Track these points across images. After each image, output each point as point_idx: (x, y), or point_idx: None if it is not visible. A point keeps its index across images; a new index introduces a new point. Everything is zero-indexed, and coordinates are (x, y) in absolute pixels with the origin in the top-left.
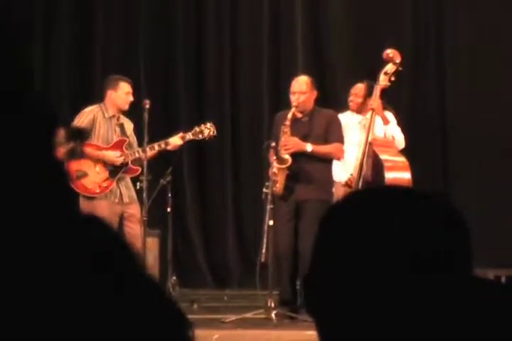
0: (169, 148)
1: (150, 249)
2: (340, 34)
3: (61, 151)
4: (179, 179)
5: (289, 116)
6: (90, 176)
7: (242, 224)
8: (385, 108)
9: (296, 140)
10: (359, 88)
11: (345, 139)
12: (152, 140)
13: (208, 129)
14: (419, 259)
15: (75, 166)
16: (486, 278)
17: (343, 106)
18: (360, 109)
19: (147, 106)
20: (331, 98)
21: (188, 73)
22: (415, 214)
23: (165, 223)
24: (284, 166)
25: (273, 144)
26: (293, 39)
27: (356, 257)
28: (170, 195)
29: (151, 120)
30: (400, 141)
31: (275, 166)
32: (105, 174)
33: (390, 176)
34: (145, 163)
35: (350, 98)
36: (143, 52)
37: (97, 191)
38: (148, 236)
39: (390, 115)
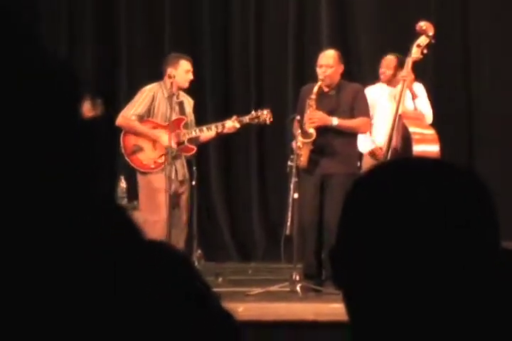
0: (226, 131)
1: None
2: (365, 6)
3: (85, 107)
4: (204, 152)
5: (315, 89)
6: (146, 152)
7: (266, 198)
8: (415, 80)
9: (321, 114)
10: (389, 60)
11: (375, 111)
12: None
13: (264, 115)
14: (448, 230)
15: (132, 141)
16: None
17: (369, 80)
18: (391, 81)
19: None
20: (356, 72)
21: (214, 49)
22: (442, 185)
23: (190, 197)
24: (308, 140)
25: (298, 117)
26: (318, 12)
27: (384, 228)
28: (194, 169)
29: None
30: (428, 116)
31: (300, 140)
32: (162, 151)
33: (418, 149)
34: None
35: (381, 70)
36: (168, 34)
37: (152, 166)
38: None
39: (420, 87)
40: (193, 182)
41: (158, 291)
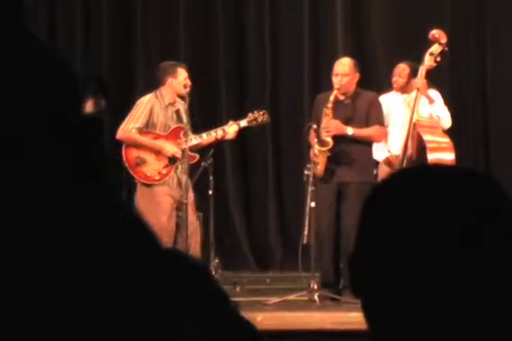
0: (228, 136)
1: (192, 232)
2: (380, 15)
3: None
4: (220, 161)
5: (332, 98)
6: (150, 163)
7: (284, 207)
8: (429, 86)
9: (337, 123)
10: (402, 68)
11: (390, 119)
12: (195, 126)
13: (261, 116)
14: (468, 238)
15: (134, 153)
16: None
17: (384, 88)
18: (404, 89)
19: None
20: (372, 79)
21: (230, 56)
22: (461, 191)
23: (207, 206)
24: (325, 149)
25: (314, 126)
26: (333, 20)
27: (402, 236)
28: (211, 178)
29: (195, 105)
30: (446, 120)
31: (316, 148)
32: (165, 161)
33: (433, 157)
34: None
35: (394, 78)
36: (183, 38)
37: (157, 178)
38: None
39: (436, 94)
40: (210, 192)
41: (176, 300)
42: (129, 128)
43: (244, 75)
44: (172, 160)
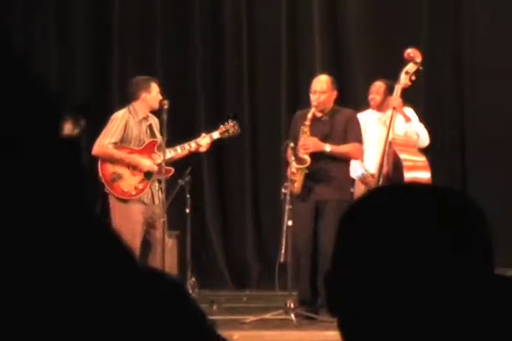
0: (202, 149)
1: (169, 250)
2: (358, 32)
3: (66, 127)
4: (198, 179)
5: (309, 115)
6: (126, 178)
7: (260, 225)
8: (404, 104)
9: (315, 140)
10: (378, 86)
11: (365, 137)
12: (171, 140)
13: (232, 127)
14: (442, 254)
15: (110, 169)
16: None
17: (361, 106)
18: (381, 107)
19: (166, 106)
20: (349, 97)
21: (206, 73)
22: (436, 209)
23: (184, 224)
24: (303, 166)
25: (291, 144)
26: (311, 37)
27: (378, 254)
28: (188, 196)
29: (172, 118)
30: (424, 138)
31: (294, 166)
32: (140, 176)
33: (409, 176)
34: (163, 164)
35: (371, 96)
36: (160, 52)
37: (133, 193)
38: (167, 237)
39: (410, 111)
40: (187, 210)
41: (153, 319)
42: (104, 143)
43: (222, 92)
44: (148, 174)
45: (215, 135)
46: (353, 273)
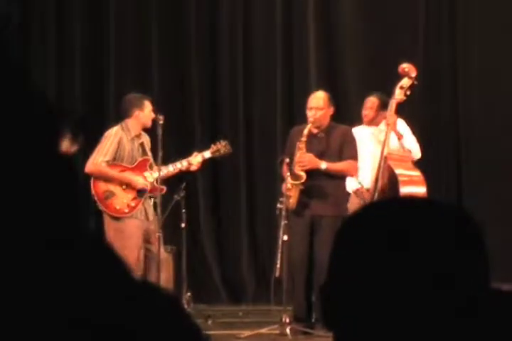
0: (193, 168)
1: (165, 265)
2: (353, 48)
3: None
4: (193, 194)
5: (305, 132)
6: (118, 196)
7: (256, 240)
8: (397, 116)
9: (311, 157)
10: (371, 101)
11: (359, 152)
12: (166, 156)
13: (224, 147)
14: (438, 273)
15: (103, 186)
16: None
17: (356, 120)
18: (373, 122)
19: (161, 121)
20: (344, 112)
21: (202, 89)
22: (431, 223)
23: (179, 239)
24: (298, 182)
25: (287, 160)
26: (306, 54)
27: (373, 268)
28: (184, 211)
29: (165, 136)
30: (416, 152)
31: (289, 182)
32: (133, 193)
33: (405, 190)
34: (158, 180)
35: (365, 112)
36: (156, 66)
37: (126, 211)
38: (162, 251)
39: (402, 123)
40: (183, 225)
41: (148, 332)
42: (98, 161)
43: (217, 108)
44: (140, 192)
45: (207, 154)
46: (348, 286)
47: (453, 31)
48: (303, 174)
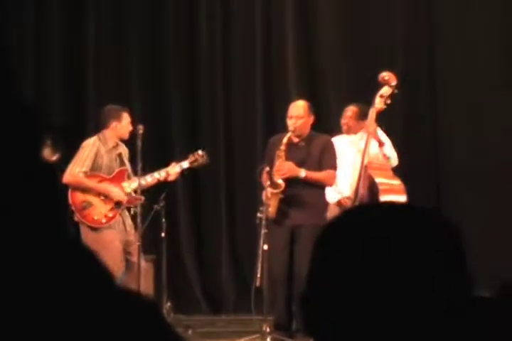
0: (170, 178)
1: (144, 274)
2: (332, 57)
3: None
4: (173, 204)
5: (285, 140)
6: (96, 206)
7: (236, 249)
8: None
9: (290, 165)
10: (351, 110)
11: (339, 160)
12: (146, 166)
13: (201, 158)
14: (416, 273)
15: (80, 197)
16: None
17: (336, 130)
18: (352, 131)
19: (140, 131)
20: (324, 121)
21: (181, 97)
22: (411, 230)
23: (159, 248)
24: (277, 191)
25: (267, 169)
26: (285, 62)
27: (352, 273)
28: (164, 221)
29: (144, 145)
30: (394, 159)
31: (269, 191)
32: (110, 204)
33: (385, 199)
34: (138, 190)
35: (344, 121)
36: (135, 76)
37: (103, 221)
38: (142, 261)
39: (380, 132)
40: (163, 234)
41: (129, 336)
42: (75, 172)
43: (197, 117)
44: (118, 203)
45: (185, 164)
46: (328, 292)
47: (430, 39)
48: (281, 182)
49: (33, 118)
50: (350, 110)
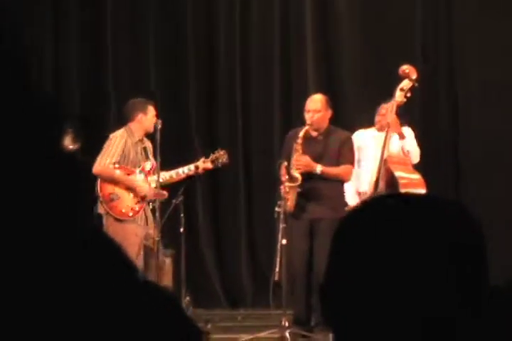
0: (199, 172)
1: (164, 269)
2: (351, 53)
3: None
4: (192, 199)
5: (301, 134)
6: (123, 199)
7: (255, 244)
8: (402, 124)
9: (307, 159)
10: (385, 108)
11: (364, 154)
12: (164, 161)
13: (222, 156)
14: (436, 264)
15: (109, 188)
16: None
17: (355, 124)
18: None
19: (159, 125)
20: (342, 117)
21: (200, 92)
22: (430, 222)
23: (178, 243)
24: (294, 184)
25: (285, 163)
26: (304, 57)
27: (373, 266)
28: (182, 215)
29: (165, 141)
30: (415, 155)
31: (286, 185)
32: (137, 197)
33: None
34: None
35: (378, 118)
36: (154, 71)
37: (130, 214)
38: (161, 256)
39: (408, 130)
40: (181, 229)
41: (149, 330)
42: (106, 163)
43: (215, 115)
44: (143, 197)
45: (207, 162)
46: (347, 283)
47: (451, 37)
48: (298, 176)
49: (54, 107)
50: (385, 108)
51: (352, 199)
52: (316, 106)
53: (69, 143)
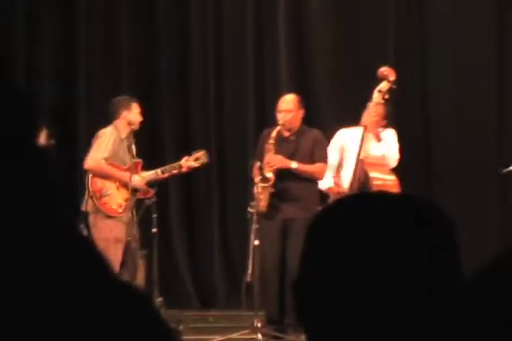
0: (184, 170)
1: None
2: (324, 50)
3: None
4: (164, 199)
5: (273, 134)
6: (113, 195)
7: (228, 244)
8: (387, 126)
9: (280, 157)
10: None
11: (346, 153)
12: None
13: (203, 156)
14: (408, 263)
15: (99, 184)
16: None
17: (327, 124)
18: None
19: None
20: (314, 118)
21: (173, 93)
22: (403, 219)
23: (150, 244)
24: (267, 184)
25: (258, 164)
26: (277, 56)
27: (345, 261)
28: (155, 216)
29: (139, 143)
30: (392, 159)
31: (259, 185)
32: (126, 194)
33: None
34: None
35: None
36: (126, 71)
37: (120, 211)
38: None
39: (390, 133)
40: (154, 230)
41: (121, 329)
42: (97, 158)
43: (188, 115)
44: (133, 192)
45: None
46: (320, 281)
47: (423, 32)
48: (271, 176)
49: (29, 104)
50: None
51: (326, 184)
52: (288, 106)
53: (43, 140)
